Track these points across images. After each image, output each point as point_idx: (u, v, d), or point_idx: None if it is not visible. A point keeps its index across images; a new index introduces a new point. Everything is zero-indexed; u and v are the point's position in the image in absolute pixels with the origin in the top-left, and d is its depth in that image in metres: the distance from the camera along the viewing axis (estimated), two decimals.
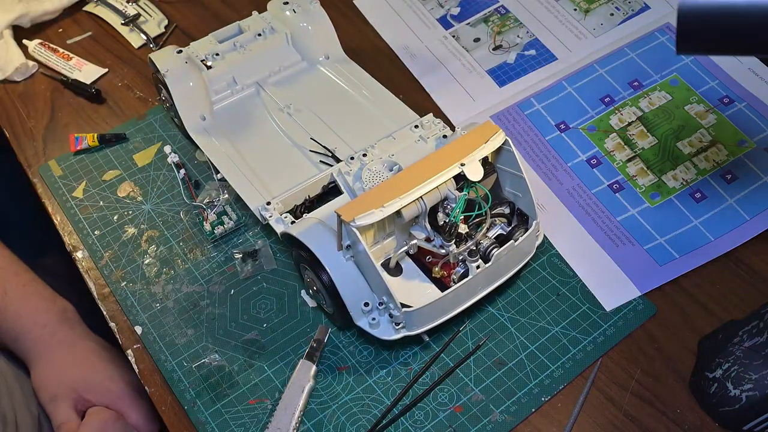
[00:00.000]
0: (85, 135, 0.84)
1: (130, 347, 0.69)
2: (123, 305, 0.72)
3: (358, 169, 0.70)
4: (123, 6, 1.00)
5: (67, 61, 0.94)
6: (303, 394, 0.63)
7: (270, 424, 0.62)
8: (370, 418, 0.63)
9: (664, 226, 0.73)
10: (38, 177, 0.83)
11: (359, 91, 0.82)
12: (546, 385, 0.64)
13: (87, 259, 0.76)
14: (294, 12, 0.84)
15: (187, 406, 0.65)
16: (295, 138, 0.79)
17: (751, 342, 0.60)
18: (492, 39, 0.91)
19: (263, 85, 0.84)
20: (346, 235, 0.62)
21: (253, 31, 0.84)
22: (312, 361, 0.65)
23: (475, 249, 0.64)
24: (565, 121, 0.82)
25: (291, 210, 0.72)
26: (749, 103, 0.80)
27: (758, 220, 0.72)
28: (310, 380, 0.64)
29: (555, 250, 0.72)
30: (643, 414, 0.62)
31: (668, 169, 0.76)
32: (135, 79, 0.93)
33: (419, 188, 0.61)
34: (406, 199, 0.60)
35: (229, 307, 0.71)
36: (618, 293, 0.69)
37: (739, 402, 0.59)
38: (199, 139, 0.80)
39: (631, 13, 0.90)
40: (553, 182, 0.78)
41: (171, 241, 0.76)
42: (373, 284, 0.63)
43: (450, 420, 0.63)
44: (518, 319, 0.68)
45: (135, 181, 0.82)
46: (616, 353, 0.66)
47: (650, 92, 0.82)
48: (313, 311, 0.70)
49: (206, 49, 0.82)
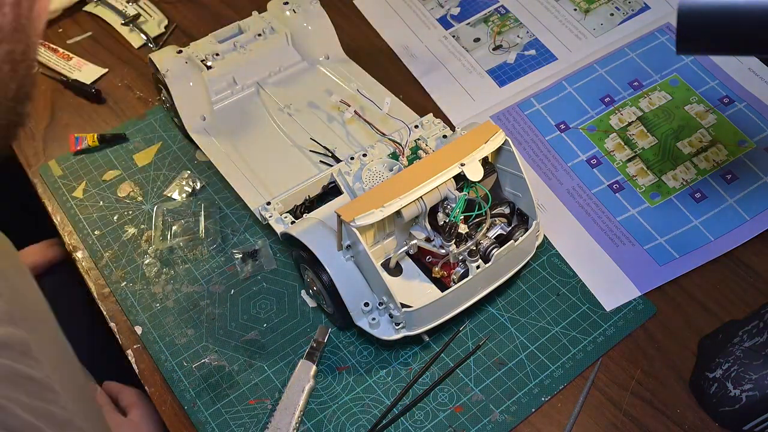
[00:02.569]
0: (85, 135, 0.84)
1: (130, 347, 0.69)
2: (123, 305, 0.72)
3: (358, 169, 0.70)
4: (123, 6, 1.00)
5: (67, 61, 0.94)
6: (303, 394, 0.63)
7: (270, 424, 0.62)
8: (370, 418, 0.63)
9: (664, 226, 0.73)
10: (38, 177, 0.83)
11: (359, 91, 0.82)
12: (546, 385, 0.64)
13: (87, 259, 0.76)
14: (294, 12, 0.84)
15: (187, 406, 0.65)
16: (295, 138, 0.79)
17: (751, 342, 0.60)
18: (492, 39, 0.91)
19: (263, 85, 0.84)
20: (346, 235, 0.62)
21: (253, 31, 0.84)
22: (312, 361, 0.65)
23: (475, 249, 0.64)
24: (565, 121, 0.82)
25: (291, 210, 0.72)
26: (749, 103, 0.80)
27: (758, 220, 0.72)
28: (310, 380, 0.64)
29: (555, 250, 0.72)
30: (643, 414, 0.62)
31: (668, 169, 0.76)
32: (135, 79, 0.93)
33: (419, 188, 0.61)
34: (406, 199, 0.60)
35: (229, 307, 0.71)
36: (618, 293, 0.69)
37: (739, 402, 0.59)
38: (199, 139, 0.80)
39: (631, 13, 0.90)
40: (553, 182, 0.78)
41: (172, 243, 0.76)
42: (373, 284, 0.63)
43: (450, 420, 0.63)
44: (518, 319, 0.68)
45: (135, 181, 0.82)
46: (616, 353, 0.66)
47: (650, 92, 0.82)
48: (313, 311, 0.70)
49: (206, 49, 0.82)
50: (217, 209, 0.78)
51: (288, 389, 0.64)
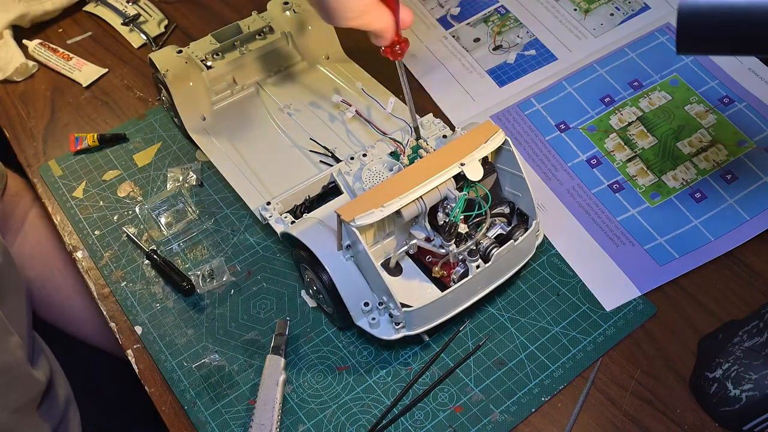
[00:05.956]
0: (85, 135, 0.84)
1: (130, 347, 0.69)
2: (123, 305, 0.72)
3: (358, 169, 0.70)
4: (123, 6, 1.00)
5: (67, 61, 0.94)
6: (278, 388, 0.64)
7: (252, 422, 0.62)
8: (370, 418, 0.63)
9: (664, 226, 0.73)
10: (38, 177, 0.83)
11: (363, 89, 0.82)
12: (546, 385, 0.64)
13: (87, 259, 0.76)
14: (294, 12, 0.84)
15: (187, 406, 0.65)
16: (295, 138, 0.79)
17: (751, 342, 0.60)
18: (492, 39, 0.91)
19: (263, 85, 0.84)
20: (346, 235, 0.62)
21: (253, 31, 0.84)
22: (279, 354, 0.66)
23: (475, 249, 0.64)
24: (565, 121, 0.82)
25: (291, 210, 0.72)
26: (749, 103, 0.80)
27: (758, 220, 0.72)
28: (282, 373, 0.65)
29: (555, 250, 0.72)
30: (643, 414, 0.62)
31: (668, 169, 0.76)
32: (135, 79, 0.93)
33: (419, 188, 0.61)
34: (405, 199, 0.60)
35: (229, 307, 0.71)
36: (618, 293, 0.69)
37: (739, 402, 0.59)
38: (199, 139, 0.80)
39: (631, 13, 0.90)
40: (553, 182, 0.78)
41: (172, 243, 0.76)
42: (373, 284, 0.63)
43: (450, 420, 0.63)
44: (518, 319, 0.68)
45: (135, 181, 0.82)
46: (616, 353, 0.66)
47: (650, 92, 0.82)
48: (313, 311, 0.70)
49: (206, 49, 0.82)
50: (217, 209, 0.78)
51: (262, 386, 0.64)
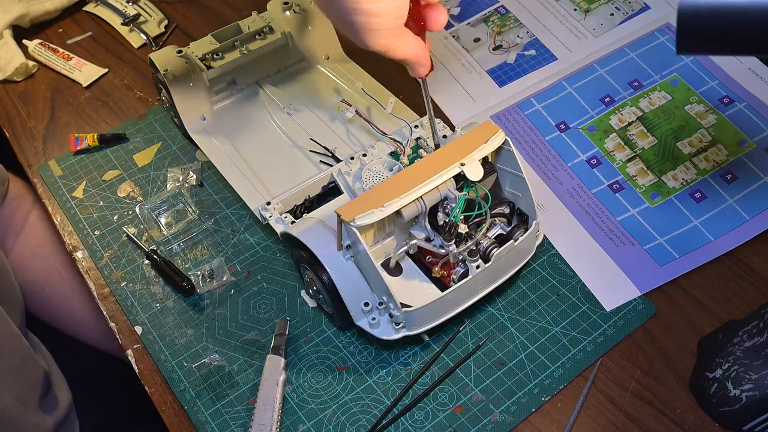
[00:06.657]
0: (85, 135, 0.84)
1: (130, 347, 0.69)
2: (123, 305, 0.72)
3: (358, 169, 0.70)
4: (123, 6, 1.00)
5: (67, 61, 0.94)
6: (278, 388, 0.64)
7: (252, 422, 0.62)
8: (370, 418, 0.63)
9: (664, 226, 0.73)
10: (38, 177, 0.84)
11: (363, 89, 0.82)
12: (546, 385, 0.64)
13: (87, 259, 0.76)
14: (294, 12, 0.84)
15: (187, 406, 0.65)
16: (295, 138, 0.79)
17: (751, 342, 0.60)
18: (492, 39, 0.91)
19: (263, 85, 0.84)
20: (346, 235, 0.62)
21: (253, 31, 0.84)
22: (279, 354, 0.66)
23: (475, 249, 0.64)
24: (565, 121, 0.82)
25: (291, 210, 0.72)
26: (749, 103, 0.80)
27: (758, 220, 0.71)
28: (282, 373, 0.65)
29: (555, 250, 0.72)
30: (643, 414, 0.62)
31: (668, 169, 0.76)
32: (135, 79, 0.93)
33: (419, 188, 0.61)
34: (405, 199, 0.60)
35: (229, 307, 0.71)
36: (618, 293, 0.69)
37: (739, 402, 0.59)
38: (199, 139, 0.80)
39: (631, 13, 0.90)
40: (553, 182, 0.78)
41: (172, 243, 0.76)
42: (373, 284, 0.63)
43: (450, 420, 0.63)
44: (518, 319, 0.68)
45: (135, 181, 0.82)
46: (616, 353, 0.66)
47: (650, 92, 0.82)
48: (313, 311, 0.70)
49: (206, 49, 0.82)
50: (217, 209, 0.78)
51: (262, 386, 0.64)
